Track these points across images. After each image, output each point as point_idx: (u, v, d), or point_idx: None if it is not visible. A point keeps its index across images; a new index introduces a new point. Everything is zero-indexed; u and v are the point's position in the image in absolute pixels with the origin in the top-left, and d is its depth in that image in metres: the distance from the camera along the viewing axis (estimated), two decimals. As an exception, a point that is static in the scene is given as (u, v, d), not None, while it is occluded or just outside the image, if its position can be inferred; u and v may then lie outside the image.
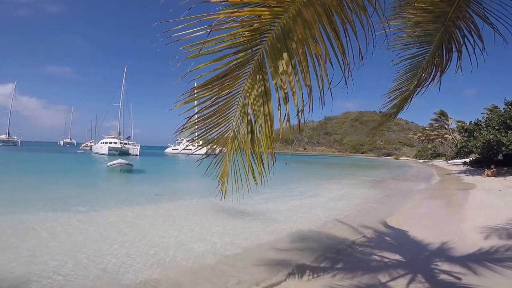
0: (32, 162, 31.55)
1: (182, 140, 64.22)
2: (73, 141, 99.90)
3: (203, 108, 2.12)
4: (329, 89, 1.81)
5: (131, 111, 56.11)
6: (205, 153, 2.64)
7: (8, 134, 74.00)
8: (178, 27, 1.81)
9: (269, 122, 2.00)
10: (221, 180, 2.61)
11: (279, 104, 1.95)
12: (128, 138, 53.62)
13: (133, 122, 56.33)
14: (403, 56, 3.30)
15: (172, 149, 65.75)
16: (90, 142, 73.70)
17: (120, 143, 48.54)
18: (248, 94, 2.08)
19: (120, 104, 53.62)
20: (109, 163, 21.61)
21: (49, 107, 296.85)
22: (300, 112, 1.90)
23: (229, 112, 2.22)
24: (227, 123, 2.29)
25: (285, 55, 1.84)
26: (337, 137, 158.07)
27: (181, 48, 1.93)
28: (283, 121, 1.95)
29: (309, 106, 1.88)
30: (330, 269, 4.88)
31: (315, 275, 4.64)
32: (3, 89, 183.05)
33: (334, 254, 5.73)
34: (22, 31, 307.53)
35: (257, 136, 2.12)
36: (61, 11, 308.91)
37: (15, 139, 73.89)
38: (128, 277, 4.47)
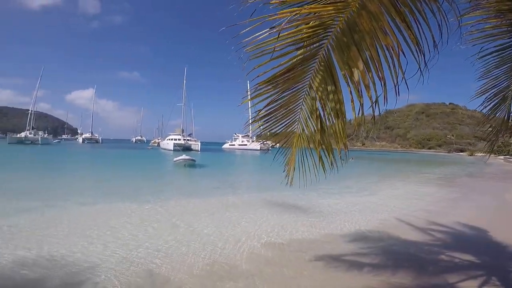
0: (112, 157, 36.50)
1: (238, 136, 67.30)
2: (143, 138, 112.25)
3: (269, 102, 2.27)
4: (403, 80, 1.79)
5: (191, 110, 61.01)
6: (271, 146, 2.81)
7: (91, 133, 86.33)
8: (245, 30, 1.98)
9: (340, 117, 2.03)
10: (288, 169, 2.74)
11: (352, 97, 1.96)
12: (190, 135, 58.32)
13: (194, 120, 61.12)
14: (488, 49, 2.97)
15: (229, 145, 68.92)
16: (158, 139, 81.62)
17: (184, 139, 52.90)
18: (315, 88, 2.16)
19: (183, 104, 58.67)
20: (175, 159, 23.64)
21: (122, 108, 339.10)
22: (375, 103, 1.88)
23: (295, 106, 2.34)
24: (293, 115, 2.41)
25: (353, 48, 1.87)
26: (399, 131, 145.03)
27: (245, 49, 2.11)
28: (358, 113, 1.95)
29: (384, 97, 1.85)
30: (390, 268, 4.66)
31: (373, 274, 4.47)
32: (86, 93, 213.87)
33: (394, 253, 5.45)
34: (96, 41, 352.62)
35: (326, 130, 2.18)
36: (125, 20, 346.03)
37: (97, 137, 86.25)
38: (202, 259, 4.98)
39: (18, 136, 60.29)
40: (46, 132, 78.83)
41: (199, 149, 50.52)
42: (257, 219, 7.70)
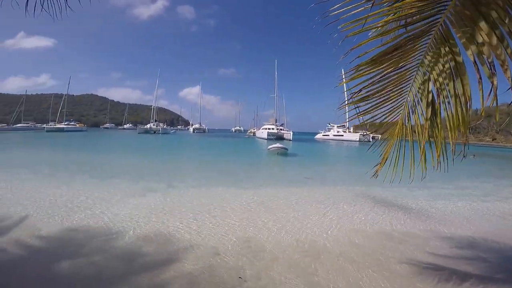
0: (217, 145, 41.25)
1: (333, 126, 64.97)
2: (241, 128, 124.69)
3: (369, 84, 2.10)
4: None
5: (283, 101, 63.23)
6: (372, 138, 2.62)
7: (200, 123, 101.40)
8: (336, 6, 1.87)
9: (461, 102, 1.70)
10: (381, 163, 2.52)
11: (479, 77, 1.62)
12: (282, 124, 60.17)
13: (286, 110, 63.32)
14: None
15: (323, 135, 67.31)
16: (254, 129, 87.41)
17: (277, 129, 54.99)
18: (429, 69, 1.88)
19: (275, 95, 61.10)
20: (269, 147, 24.87)
21: (223, 102, 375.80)
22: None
23: (400, 88, 2.10)
24: (399, 99, 2.17)
25: (481, 22, 1.53)
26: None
27: (339, 26, 1.98)
28: (486, 100, 1.59)
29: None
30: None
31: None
32: (194, 90, 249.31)
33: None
34: (199, 42, 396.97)
35: (440, 118, 1.87)
36: (218, 22, 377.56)
37: (204, 127, 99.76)
38: (294, 238, 5.20)
39: (145, 127, 76.35)
40: (165, 123, 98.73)
41: (291, 138, 51.49)
42: (349, 212, 7.48)
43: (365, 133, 52.80)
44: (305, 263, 4.49)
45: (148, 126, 75.92)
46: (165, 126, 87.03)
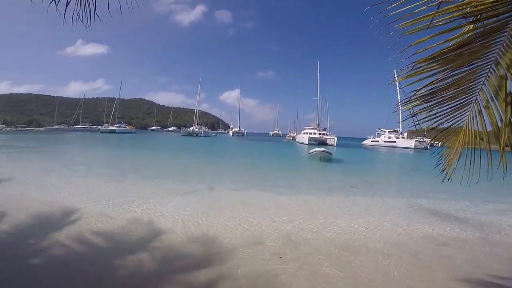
0: (255, 148, 41.79)
1: (384, 131, 61.10)
2: (280, 132, 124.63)
3: (429, 83, 1.98)
4: None
5: (326, 104, 61.36)
6: (430, 145, 2.46)
7: (239, 127, 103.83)
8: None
9: None
10: (446, 168, 2.33)
11: None
12: (324, 129, 58.39)
13: (329, 114, 61.22)
14: None
15: (372, 141, 63.60)
16: (293, 133, 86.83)
17: (319, 133, 53.53)
18: (505, 66, 1.73)
19: (318, 98, 59.47)
20: (310, 151, 24.41)
21: (261, 105, 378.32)
22: None
23: (469, 86, 1.94)
24: (467, 98, 2.01)
25: None
26: None
27: (397, 26, 1.92)
28: None
29: None
30: None
31: None
32: (233, 93, 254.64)
33: None
34: (237, 45, 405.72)
35: None
36: (255, 24, 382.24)
37: (243, 131, 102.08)
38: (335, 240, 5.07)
39: (188, 130, 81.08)
40: (206, 126, 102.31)
41: (335, 143, 49.51)
42: (400, 223, 7.03)
43: (422, 139, 48.76)
44: (341, 254, 4.96)
45: (191, 129, 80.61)
46: (206, 129, 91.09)
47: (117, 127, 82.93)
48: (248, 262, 4.49)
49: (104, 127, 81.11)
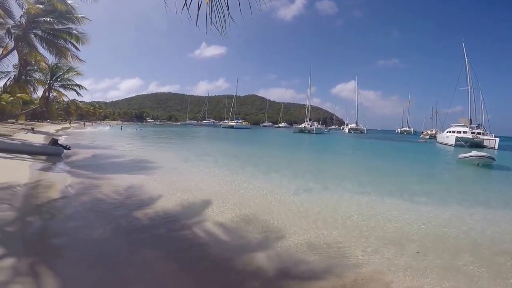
0: (379, 149, 37.64)
1: None
2: (411, 129, 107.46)
3: None
4: None
5: (480, 95, 46.88)
6: None
7: (356, 123, 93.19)
8: None
9: None
10: None
11: None
12: (478, 126, 45.04)
13: (485, 107, 47.12)
14: None
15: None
16: (431, 131, 73.97)
17: (472, 132, 41.31)
18: None
19: (468, 87, 46.25)
20: (462, 155, 19.35)
21: (385, 97, 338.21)
22: None
23: None
24: None
25: None
26: None
27: None
28: None
29: None
30: None
31: None
32: (348, 85, 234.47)
33: None
34: (345, 36, 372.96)
35: None
36: (365, 12, 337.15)
37: (362, 128, 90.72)
38: None
39: (299, 126, 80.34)
40: (319, 122, 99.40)
41: (496, 146, 38.03)
42: None
43: None
44: None
45: (302, 125, 79.11)
46: (319, 126, 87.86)
47: (235, 123, 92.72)
48: None
49: (225, 122, 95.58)
